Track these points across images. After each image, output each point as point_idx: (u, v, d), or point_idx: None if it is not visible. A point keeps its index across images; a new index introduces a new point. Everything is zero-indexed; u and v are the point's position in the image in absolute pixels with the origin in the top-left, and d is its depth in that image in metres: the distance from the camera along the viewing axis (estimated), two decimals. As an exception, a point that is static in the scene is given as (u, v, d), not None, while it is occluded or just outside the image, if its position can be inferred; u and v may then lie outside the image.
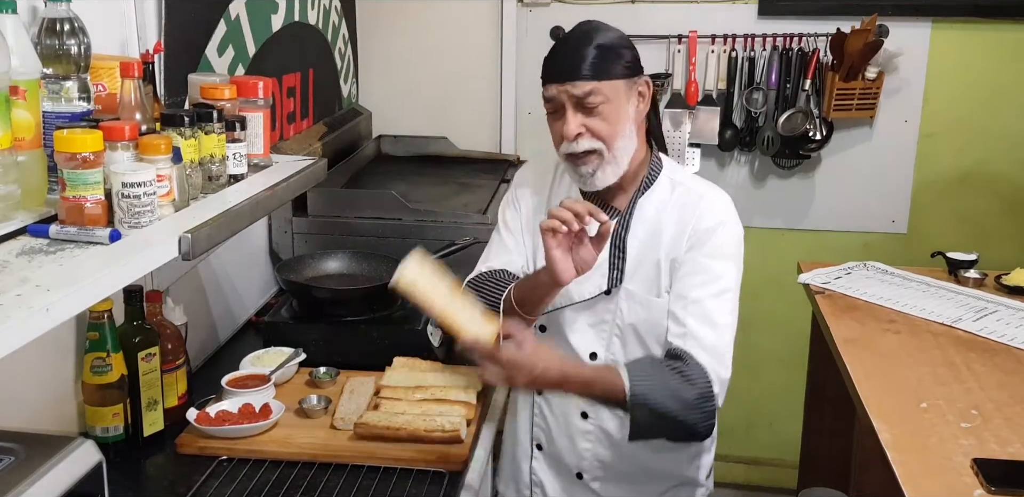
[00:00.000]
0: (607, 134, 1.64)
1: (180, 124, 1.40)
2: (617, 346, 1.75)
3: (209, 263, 2.17)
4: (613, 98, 1.63)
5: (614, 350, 1.75)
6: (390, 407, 1.80)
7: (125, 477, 1.62)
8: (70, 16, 1.27)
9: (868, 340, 2.11)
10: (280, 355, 1.99)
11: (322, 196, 2.47)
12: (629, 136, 1.66)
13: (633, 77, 1.66)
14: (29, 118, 1.21)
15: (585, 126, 1.64)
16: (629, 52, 1.66)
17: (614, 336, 1.74)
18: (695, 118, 3.05)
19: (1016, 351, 2.04)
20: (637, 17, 3.06)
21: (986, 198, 3.14)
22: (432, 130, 3.15)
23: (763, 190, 3.21)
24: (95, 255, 1.17)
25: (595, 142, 1.64)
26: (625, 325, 1.73)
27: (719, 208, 1.71)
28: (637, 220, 1.72)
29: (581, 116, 1.63)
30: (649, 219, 1.71)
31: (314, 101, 2.69)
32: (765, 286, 3.09)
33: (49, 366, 1.63)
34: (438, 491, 1.60)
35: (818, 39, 2.98)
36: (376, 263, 2.30)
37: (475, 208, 2.50)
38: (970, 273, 2.46)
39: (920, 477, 1.55)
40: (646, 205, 1.72)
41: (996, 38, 3.01)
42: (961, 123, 3.09)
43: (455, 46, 3.16)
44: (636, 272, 1.71)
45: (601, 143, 1.64)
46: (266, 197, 1.54)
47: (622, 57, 1.64)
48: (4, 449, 1.15)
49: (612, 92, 1.62)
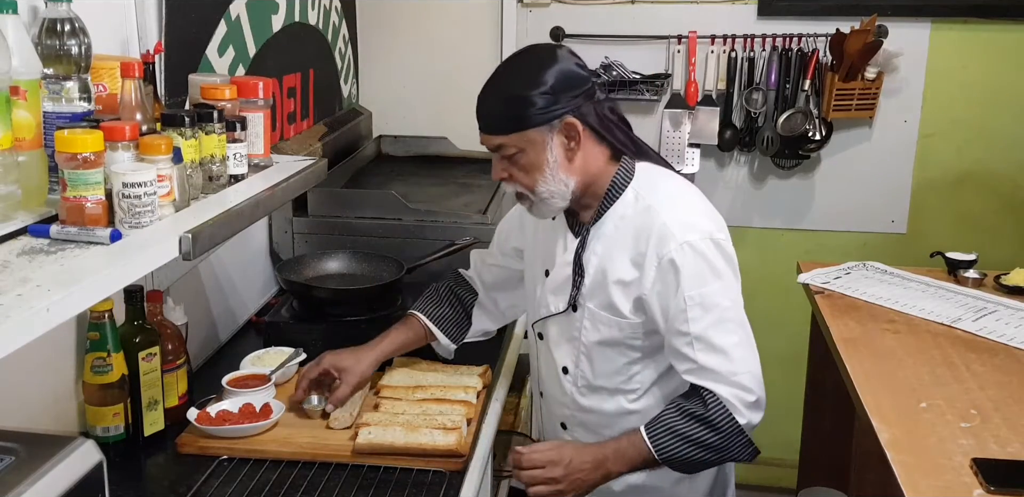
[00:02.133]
0: (526, 183, 1.65)
1: (181, 124, 1.41)
2: (584, 363, 1.75)
3: (209, 263, 2.17)
4: (526, 148, 1.61)
5: (582, 367, 1.75)
6: (390, 407, 1.80)
7: (125, 477, 1.62)
8: (71, 16, 1.28)
9: (868, 340, 2.11)
10: (280, 355, 1.99)
11: (322, 196, 2.47)
12: (553, 180, 1.63)
13: (549, 123, 1.60)
14: (30, 118, 1.21)
15: (508, 172, 1.66)
16: (543, 97, 1.58)
17: (581, 353, 1.75)
18: (695, 118, 3.05)
19: (1016, 351, 2.04)
20: (637, 17, 3.06)
21: (985, 198, 3.14)
22: (432, 130, 3.15)
23: (763, 190, 3.21)
24: (95, 255, 1.17)
25: (520, 187, 1.67)
26: (590, 343, 1.73)
27: (675, 230, 1.62)
28: (596, 238, 1.70)
29: (506, 162, 1.65)
30: (608, 236, 1.69)
31: (314, 101, 2.69)
32: (764, 286, 3.09)
33: (49, 366, 1.63)
34: (438, 491, 1.60)
35: (818, 39, 2.98)
36: (376, 263, 2.30)
37: (475, 208, 2.50)
38: (969, 273, 2.46)
39: (920, 477, 1.55)
40: (606, 222, 1.70)
41: (995, 38, 3.01)
42: (960, 123, 3.09)
43: (455, 46, 3.17)
44: (595, 291, 1.70)
45: (525, 189, 1.66)
46: (266, 197, 1.54)
47: (532, 105, 1.58)
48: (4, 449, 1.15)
49: (523, 142, 1.61)
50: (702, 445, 1.62)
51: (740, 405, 1.61)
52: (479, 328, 2.01)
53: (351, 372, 1.83)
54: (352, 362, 1.84)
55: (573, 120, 1.61)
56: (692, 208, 1.68)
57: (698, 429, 1.61)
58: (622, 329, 1.69)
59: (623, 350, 1.71)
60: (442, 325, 1.95)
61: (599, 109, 1.65)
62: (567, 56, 1.63)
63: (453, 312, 1.97)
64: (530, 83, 1.59)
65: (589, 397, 1.77)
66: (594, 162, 1.67)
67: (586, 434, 1.80)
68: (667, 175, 1.75)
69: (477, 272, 2.01)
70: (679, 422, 1.62)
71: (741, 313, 1.66)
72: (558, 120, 1.60)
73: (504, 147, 1.62)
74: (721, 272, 1.63)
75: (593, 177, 1.67)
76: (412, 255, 2.29)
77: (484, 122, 1.64)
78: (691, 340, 1.62)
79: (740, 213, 3.22)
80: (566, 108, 1.60)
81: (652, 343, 1.70)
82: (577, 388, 1.78)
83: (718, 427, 1.61)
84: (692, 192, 1.73)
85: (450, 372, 1.95)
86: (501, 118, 1.61)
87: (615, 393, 1.75)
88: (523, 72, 1.62)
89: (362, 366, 1.84)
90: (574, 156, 1.64)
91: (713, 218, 1.68)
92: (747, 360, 1.64)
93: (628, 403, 1.75)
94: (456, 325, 1.97)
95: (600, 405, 1.76)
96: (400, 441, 1.67)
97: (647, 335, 1.69)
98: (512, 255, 1.95)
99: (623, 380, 1.74)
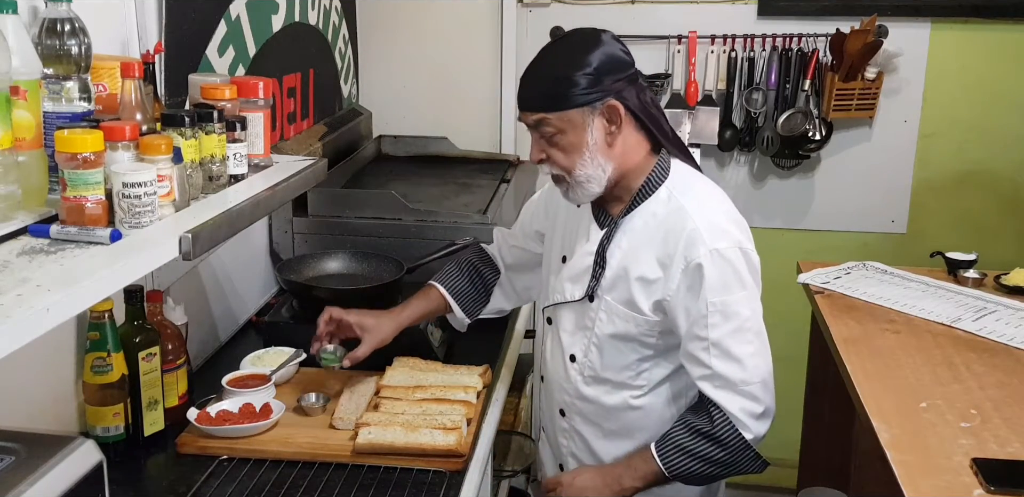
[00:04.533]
0: (564, 164, 1.64)
1: (181, 124, 1.41)
2: (594, 354, 1.75)
3: (209, 263, 2.17)
4: (567, 128, 1.61)
5: (591, 357, 1.76)
6: (390, 407, 1.80)
7: (125, 477, 1.62)
8: (71, 16, 1.28)
9: (868, 340, 2.11)
10: (280, 355, 1.99)
11: (322, 196, 2.47)
12: (591, 164, 1.62)
13: (591, 104, 1.59)
14: (30, 118, 1.21)
15: (546, 153, 1.65)
16: (587, 78, 1.57)
17: (592, 344, 1.75)
18: (695, 118, 3.05)
19: (1015, 351, 2.04)
20: (637, 17, 3.06)
21: (985, 198, 3.14)
22: (432, 130, 3.15)
23: (763, 190, 3.21)
24: (95, 255, 1.17)
25: (557, 169, 1.66)
26: (603, 335, 1.73)
27: (706, 236, 1.61)
28: (623, 232, 1.70)
29: (544, 142, 1.64)
30: (636, 231, 1.69)
31: (314, 101, 2.69)
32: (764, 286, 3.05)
33: (49, 366, 1.63)
34: (438, 491, 1.60)
35: (818, 39, 2.98)
36: (376, 263, 2.30)
37: (475, 208, 2.50)
38: (969, 273, 2.46)
39: (919, 477, 1.55)
40: (635, 217, 1.69)
41: (995, 39, 3.01)
42: (960, 123, 3.09)
43: (455, 46, 3.17)
44: (616, 284, 1.70)
45: (562, 171, 1.66)
46: (266, 197, 1.54)
47: (575, 85, 1.57)
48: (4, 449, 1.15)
49: (563, 123, 1.60)
50: (710, 461, 1.65)
51: (747, 418, 1.63)
52: (495, 306, 2.04)
53: (373, 334, 1.87)
54: (374, 324, 1.88)
55: (616, 103, 1.60)
56: (724, 215, 1.68)
57: (705, 445, 1.64)
58: (638, 325, 1.69)
59: (635, 346, 1.71)
60: (460, 299, 1.98)
61: (642, 96, 1.64)
62: (611, 40, 1.63)
63: (472, 288, 2.00)
64: (574, 64, 1.58)
65: (593, 387, 1.77)
66: (633, 151, 1.66)
67: (584, 424, 1.80)
68: (700, 177, 1.75)
69: (499, 250, 2.03)
70: (687, 439, 1.65)
71: (760, 323, 1.67)
72: (600, 102, 1.59)
73: (543, 126, 1.61)
74: (746, 282, 1.64)
75: (631, 167, 1.66)
76: (412, 255, 2.29)
77: (525, 100, 1.64)
78: (708, 345, 1.62)
79: (740, 213, 3.21)
80: (609, 91, 1.59)
81: (666, 342, 1.70)
82: (583, 377, 1.78)
83: (725, 443, 1.63)
84: (723, 197, 1.74)
85: (450, 372, 1.95)
86: (543, 97, 1.60)
87: (620, 387, 1.75)
88: (567, 53, 1.61)
89: (383, 331, 1.88)
90: (614, 141, 1.63)
91: (742, 227, 1.68)
92: (760, 369, 1.65)
93: (632, 399, 1.75)
94: (473, 300, 2.00)
95: (603, 397, 1.77)
96: (400, 441, 1.67)
97: (662, 334, 1.70)
98: (533, 238, 1.96)
99: (631, 376, 1.74)
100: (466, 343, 2.16)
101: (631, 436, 1.77)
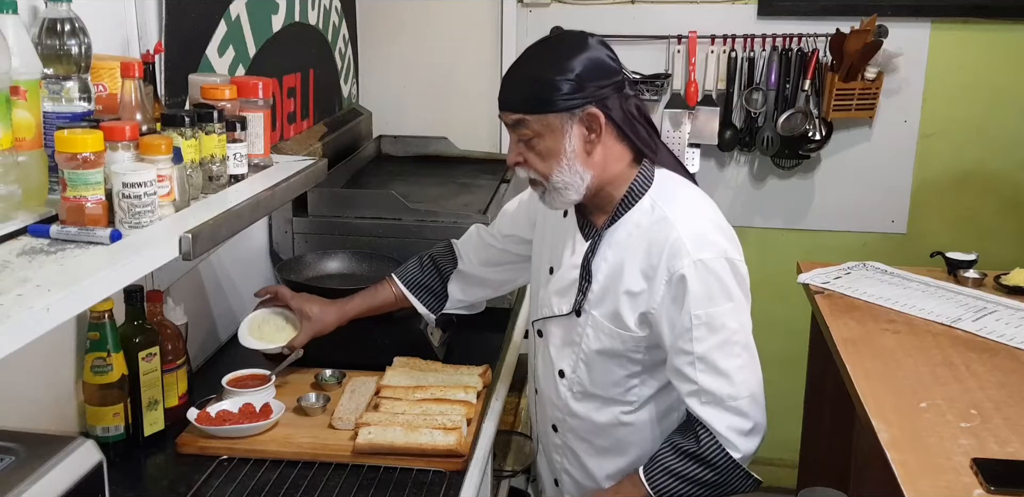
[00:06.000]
0: (541, 169, 1.61)
1: (181, 124, 1.41)
2: (582, 370, 1.72)
3: (210, 263, 2.17)
4: (545, 132, 1.56)
5: (580, 373, 1.72)
6: (390, 407, 1.80)
7: (125, 477, 1.62)
8: (71, 16, 1.27)
9: (868, 340, 2.11)
10: (279, 326, 1.97)
11: (322, 196, 2.47)
12: (568, 171, 1.58)
13: (571, 110, 1.54)
14: (30, 118, 1.21)
15: (523, 157, 1.61)
16: (568, 83, 1.52)
17: (580, 360, 1.72)
18: (695, 118, 3.05)
19: (1015, 351, 2.04)
20: (637, 17, 3.06)
21: (985, 198, 3.14)
22: (432, 130, 3.15)
23: (763, 190, 3.21)
24: (95, 255, 1.17)
25: (534, 173, 1.63)
26: (590, 351, 1.69)
27: (690, 246, 1.57)
28: (608, 244, 1.65)
29: (522, 145, 1.60)
30: (621, 243, 1.64)
31: (314, 101, 2.69)
32: (764, 286, 3.05)
33: (49, 366, 1.63)
34: (438, 491, 1.60)
35: (818, 39, 2.98)
36: (376, 263, 2.30)
37: (475, 208, 2.50)
38: (969, 273, 2.45)
39: (919, 477, 1.55)
40: (619, 228, 1.64)
41: (995, 38, 3.01)
42: (960, 123, 3.09)
43: (455, 46, 3.17)
44: (603, 299, 1.66)
45: (539, 175, 1.62)
46: (266, 197, 1.54)
47: (556, 90, 1.52)
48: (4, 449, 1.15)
49: (542, 126, 1.56)
50: (699, 482, 1.61)
51: (734, 436, 1.59)
52: (457, 299, 2.01)
53: (313, 323, 1.92)
54: (317, 313, 1.92)
55: (596, 111, 1.55)
56: (710, 224, 1.62)
57: (693, 467, 1.60)
58: (624, 342, 1.65)
59: (623, 362, 1.68)
60: (416, 291, 1.98)
61: (626, 105, 1.59)
62: (598, 45, 1.58)
63: (428, 279, 1.99)
64: (557, 68, 1.54)
65: (583, 403, 1.74)
66: (614, 161, 1.62)
67: (576, 440, 1.78)
68: (685, 185, 1.69)
69: (472, 246, 2.00)
70: (674, 461, 1.62)
71: (749, 336, 1.62)
72: (580, 109, 1.55)
73: (521, 127, 1.57)
74: (732, 293, 1.59)
75: (611, 177, 1.62)
76: (412, 255, 2.29)
77: (505, 99, 1.59)
78: (693, 360, 1.58)
79: (740, 213, 3.22)
80: (590, 98, 1.54)
81: (653, 358, 1.67)
82: (572, 393, 1.75)
83: (712, 464, 1.59)
84: (709, 205, 1.68)
85: (450, 372, 1.95)
86: (523, 99, 1.56)
87: (610, 403, 1.72)
88: (551, 56, 1.56)
89: (325, 321, 1.92)
90: (593, 149, 1.58)
91: (728, 236, 1.63)
92: (748, 383, 1.61)
93: (623, 415, 1.72)
94: (431, 293, 1.99)
95: (593, 413, 1.73)
96: (400, 441, 1.67)
97: (649, 349, 1.66)
98: (513, 240, 1.93)
99: (620, 392, 1.71)
100: (466, 343, 2.16)
101: (624, 452, 1.74)
